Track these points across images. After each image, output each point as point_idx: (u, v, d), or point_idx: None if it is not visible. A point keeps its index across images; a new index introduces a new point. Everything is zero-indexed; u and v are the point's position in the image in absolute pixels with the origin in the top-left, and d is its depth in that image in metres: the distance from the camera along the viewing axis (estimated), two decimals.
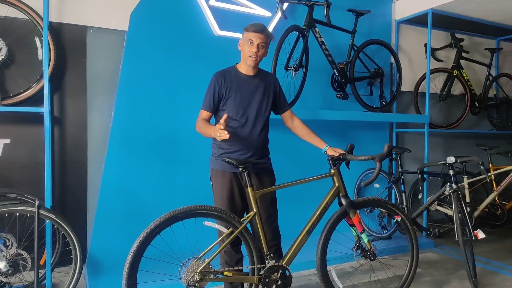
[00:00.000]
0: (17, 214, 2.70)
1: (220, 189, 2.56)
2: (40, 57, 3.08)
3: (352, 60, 4.12)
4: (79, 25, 3.37)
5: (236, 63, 2.64)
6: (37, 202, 2.56)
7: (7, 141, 3.19)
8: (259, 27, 2.50)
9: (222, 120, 2.34)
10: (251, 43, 2.49)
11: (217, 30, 3.67)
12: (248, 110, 2.55)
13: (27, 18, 3.08)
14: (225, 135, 2.25)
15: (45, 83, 2.84)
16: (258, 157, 2.59)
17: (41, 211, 2.57)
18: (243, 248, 2.49)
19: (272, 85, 2.68)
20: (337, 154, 2.57)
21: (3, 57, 3.01)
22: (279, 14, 3.88)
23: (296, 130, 2.78)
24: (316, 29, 3.82)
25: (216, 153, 2.58)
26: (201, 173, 3.62)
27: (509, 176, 3.98)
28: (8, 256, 2.61)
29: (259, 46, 2.49)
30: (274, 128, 3.32)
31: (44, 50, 2.81)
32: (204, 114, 2.57)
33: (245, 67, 2.58)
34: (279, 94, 2.72)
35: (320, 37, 3.86)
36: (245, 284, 2.49)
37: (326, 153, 2.63)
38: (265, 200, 2.57)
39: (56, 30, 3.30)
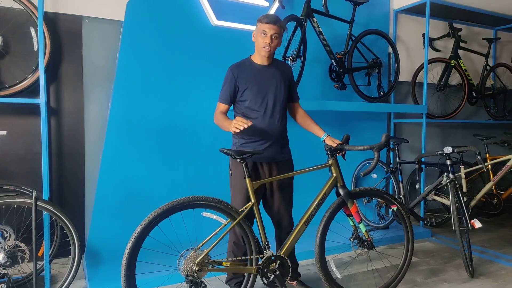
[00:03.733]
0: (15, 206, 2.69)
1: (239, 178, 2.57)
2: (35, 48, 3.04)
3: (350, 50, 4.10)
4: (75, 15, 3.34)
5: (250, 55, 2.68)
6: (34, 194, 2.55)
7: (4, 132, 3.17)
8: (272, 18, 2.54)
9: (243, 119, 2.36)
10: (264, 34, 2.52)
11: (214, 20, 3.64)
12: (266, 99, 2.60)
13: (22, 8, 3.04)
14: (244, 123, 2.30)
15: (41, 73, 2.81)
16: (279, 146, 2.65)
17: (39, 203, 2.56)
18: None
19: (287, 74, 2.73)
20: (334, 145, 2.58)
21: None
22: (276, 4, 3.85)
23: (298, 118, 2.83)
24: (314, 19, 3.79)
25: (237, 142, 2.63)
26: (200, 163, 3.63)
27: (506, 166, 3.99)
28: (6, 248, 2.60)
29: (273, 37, 2.52)
30: None
31: (39, 40, 2.78)
32: (222, 106, 2.63)
33: (259, 58, 2.62)
34: (292, 84, 2.78)
35: (318, 27, 3.83)
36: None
37: (324, 141, 2.66)
38: (285, 188, 2.69)
39: (52, 20, 3.26)
